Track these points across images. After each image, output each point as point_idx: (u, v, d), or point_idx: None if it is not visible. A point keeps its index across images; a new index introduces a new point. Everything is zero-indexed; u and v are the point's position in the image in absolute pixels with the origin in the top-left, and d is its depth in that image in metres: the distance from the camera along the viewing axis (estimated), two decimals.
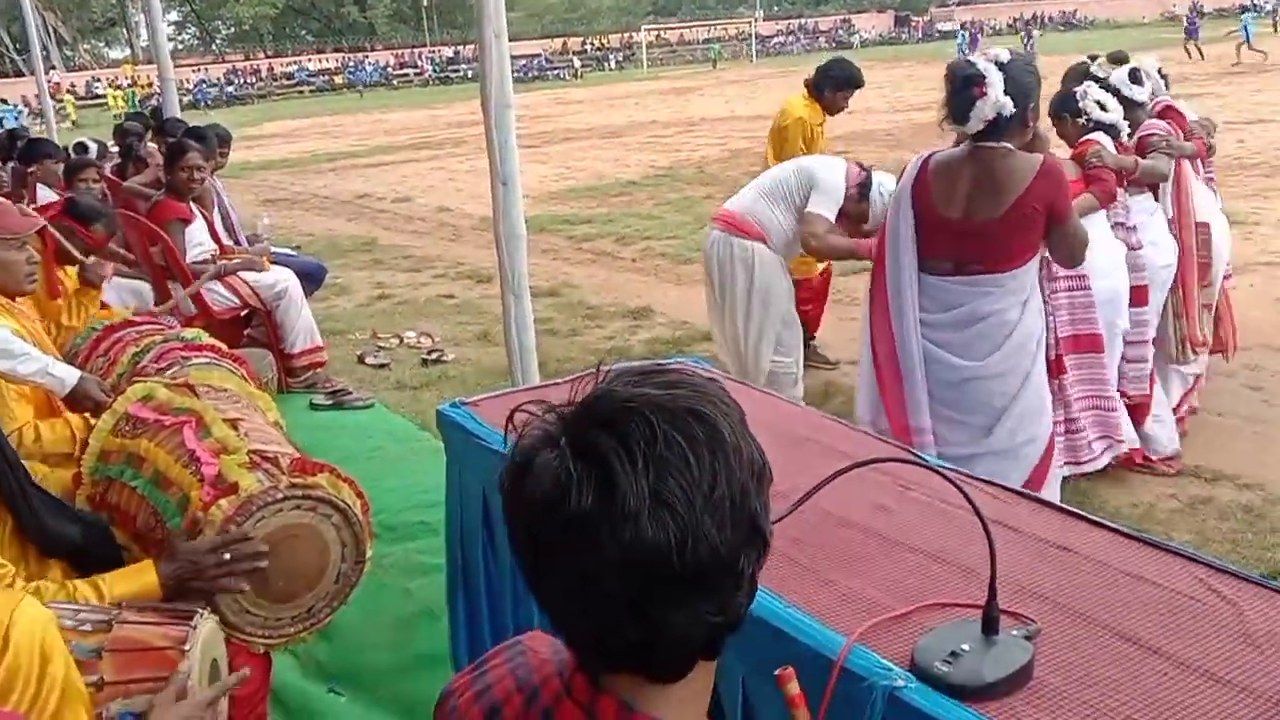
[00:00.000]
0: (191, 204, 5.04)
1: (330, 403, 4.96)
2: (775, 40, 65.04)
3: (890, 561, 1.74)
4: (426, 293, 8.19)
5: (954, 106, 3.01)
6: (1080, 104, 4.12)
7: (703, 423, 0.86)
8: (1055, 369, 3.81)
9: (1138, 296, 4.11)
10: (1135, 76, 4.26)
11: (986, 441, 3.10)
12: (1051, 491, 3.17)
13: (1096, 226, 3.89)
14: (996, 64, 2.98)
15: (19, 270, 2.90)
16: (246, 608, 2.07)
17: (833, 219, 4.23)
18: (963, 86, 2.97)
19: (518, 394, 2.47)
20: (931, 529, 1.83)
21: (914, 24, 70.58)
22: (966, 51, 27.32)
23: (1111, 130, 4.12)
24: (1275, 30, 33.55)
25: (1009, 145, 3.01)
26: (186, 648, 1.64)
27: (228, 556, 1.94)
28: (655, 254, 9.27)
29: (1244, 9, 35.54)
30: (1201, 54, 28.43)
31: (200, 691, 1.62)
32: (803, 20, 73.29)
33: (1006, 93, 2.93)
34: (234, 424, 2.31)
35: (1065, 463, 3.78)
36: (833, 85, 5.40)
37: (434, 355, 6.18)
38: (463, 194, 14.13)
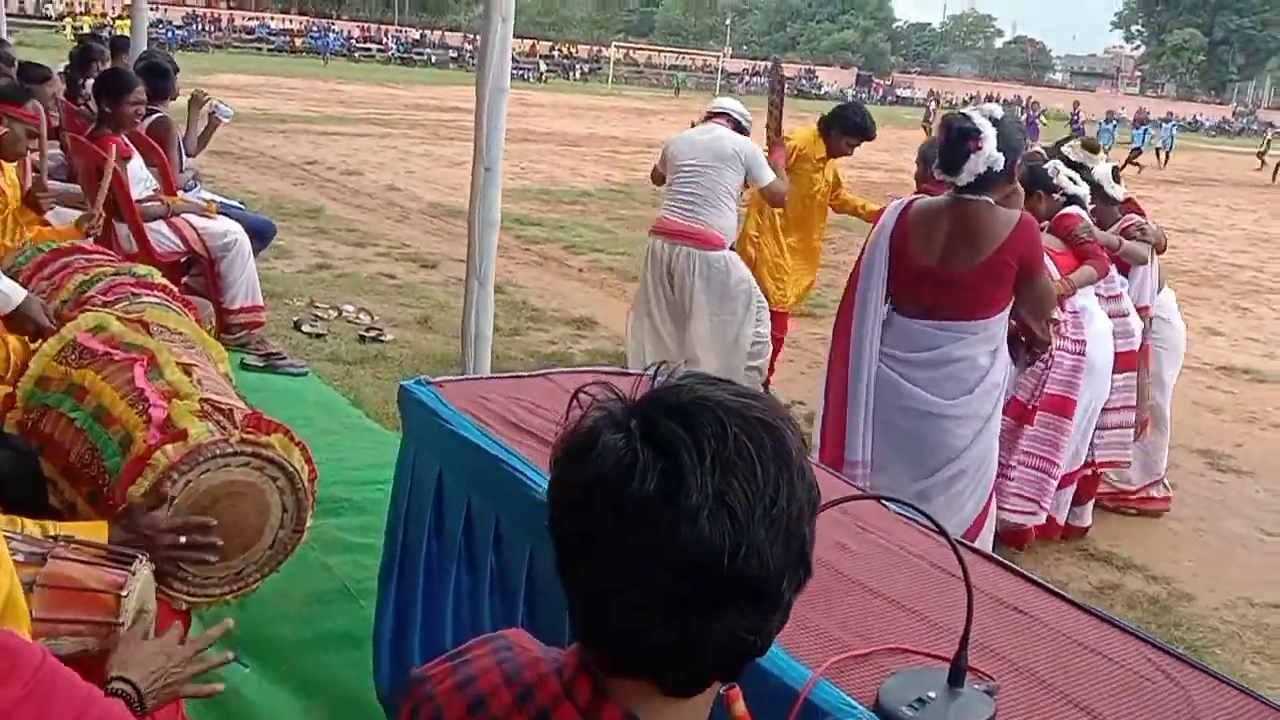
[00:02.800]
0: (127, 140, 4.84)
1: (263, 364, 4.82)
2: (740, 78, 65.80)
3: (851, 600, 1.73)
4: (368, 269, 8.04)
5: (947, 157, 3.09)
6: (1054, 180, 4.23)
7: (773, 435, 0.85)
8: (1024, 418, 3.96)
9: (1124, 361, 4.25)
10: (1115, 175, 4.42)
11: (931, 480, 3.18)
12: (985, 543, 3.25)
13: (1088, 297, 4.06)
14: (991, 120, 3.08)
15: None
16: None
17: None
18: (958, 139, 3.06)
19: (489, 381, 2.42)
20: (892, 574, 1.83)
21: (875, 85, 72.12)
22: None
23: (1080, 203, 4.25)
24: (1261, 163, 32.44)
25: (990, 199, 3.11)
26: (124, 594, 1.55)
27: (183, 540, 1.86)
28: (603, 267, 9.25)
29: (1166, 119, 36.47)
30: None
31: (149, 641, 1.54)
32: (768, 63, 74.30)
33: (999, 148, 3.03)
34: (187, 369, 2.22)
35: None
36: (842, 128, 5.40)
37: (372, 333, 6.05)
38: (414, 176, 13.95)
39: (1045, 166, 4.33)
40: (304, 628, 2.90)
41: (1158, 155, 29.02)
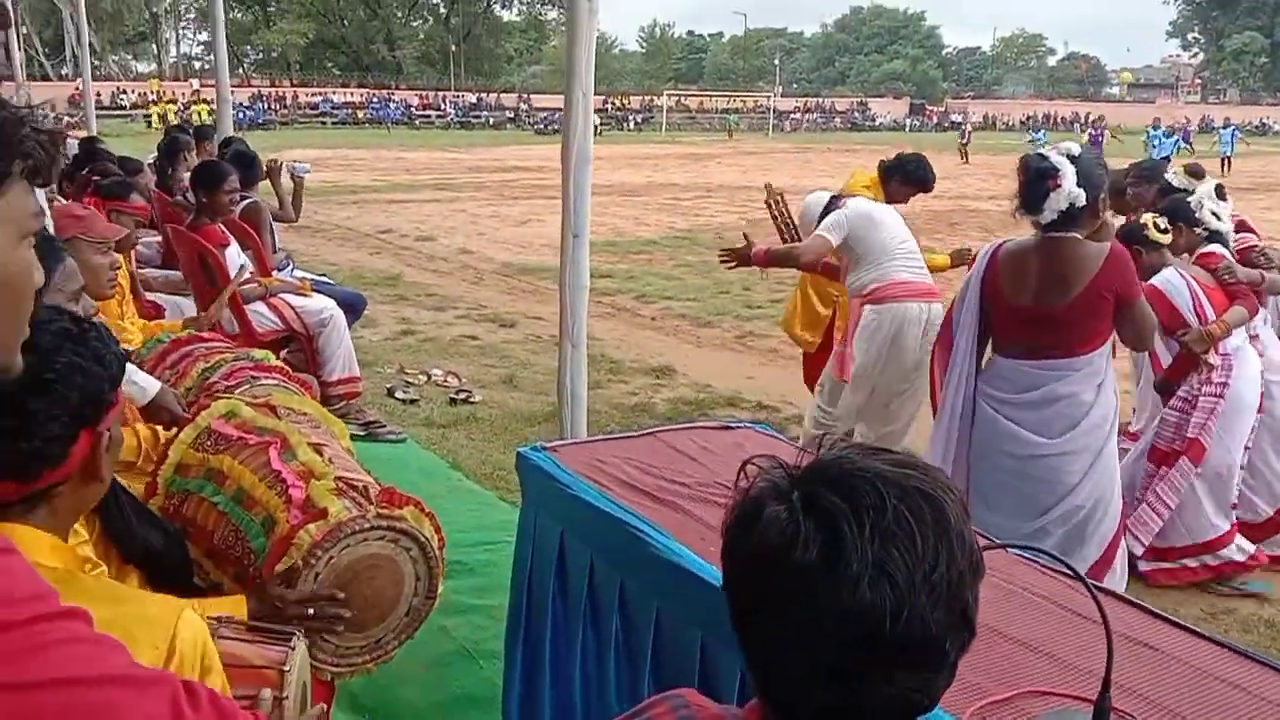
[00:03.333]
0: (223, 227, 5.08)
1: (364, 434, 4.98)
2: (792, 116, 66.09)
3: (984, 646, 1.76)
4: (451, 332, 8.24)
5: (1027, 197, 3.14)
6: (1197, 214, 4.15)
7: (931, 505, 0.90)
8: (1165, 459, 4.00)
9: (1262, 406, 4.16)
10: (1220, 193, 4.30)
11: (1045, 518, 3.19)
12: (1114, 582, 3.23)
13: (1240, 338, 4.01)
14: (1069, 157, 3.12)
15: (103, 275, 2.95)
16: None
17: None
18: (1036, 179, 3.11)
19: (597, 443, 2.50)
20: (1020, 617, 1.86)
21: (928, 113, 71.87)
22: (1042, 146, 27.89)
23: (1222, 240, 4.16)
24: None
25: (1078, 235, 3.14)
26: (286, 669, 1.65)
27: (311, 612, 1.96)
28: (675, 314, 9.35)
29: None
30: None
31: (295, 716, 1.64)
32: (820, 99, 74.60)
33: (1079, 185, 3.06)
34: (318, 449, 2.33)
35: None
36: (902, 178, 5.34)
37: (461, 395, 6.21)
38: (485, 238, 14.27)
39: (1189, 200, 4.23)
40: (429, 691, 2.99)
41: (1222, 164, 28.39)
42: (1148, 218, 4.17)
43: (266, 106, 53.67)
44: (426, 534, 2.19)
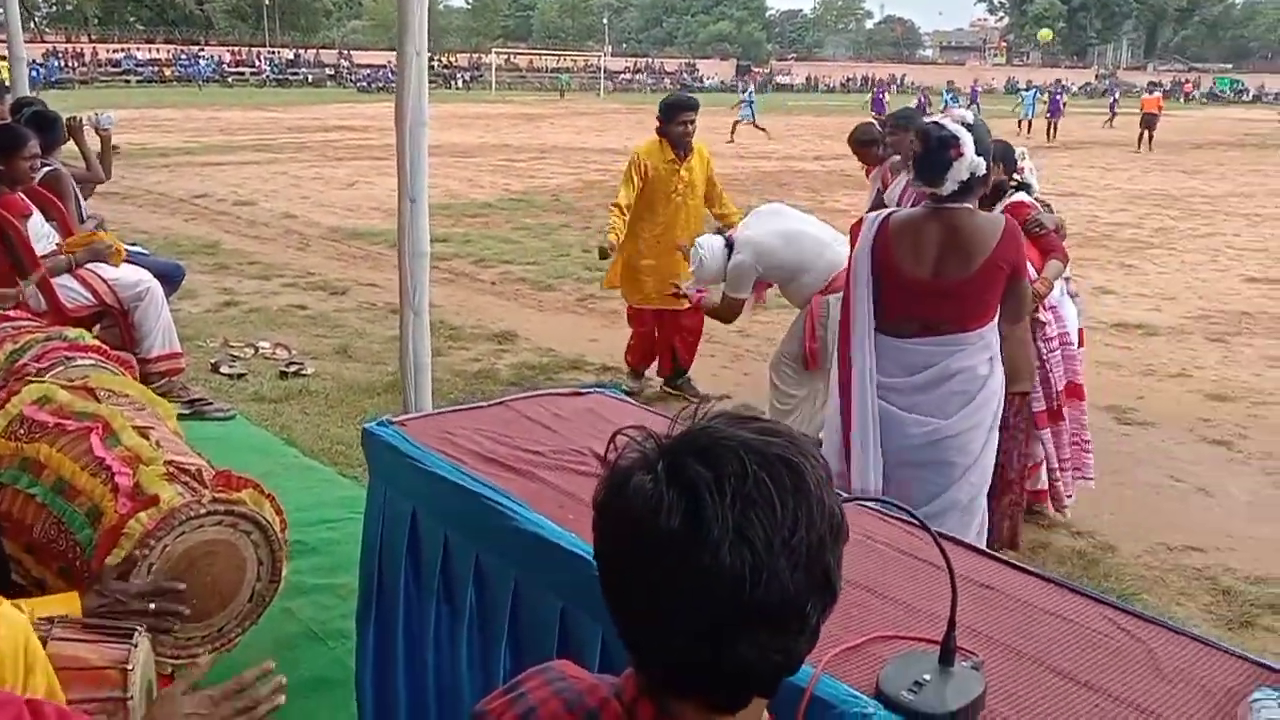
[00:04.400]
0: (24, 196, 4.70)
1: (189, 412, 4.72)
2: (622, 76, 66.13)
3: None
4: (278, 302, 7.90)
5: (928, 167, 3.01)
6: (1020, 163, 4.24)
7: (791, 470, 0.91)
8: (1055, 417, 4.18)
9: (1080, 340, 4.51)
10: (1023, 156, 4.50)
11: (945, 498, 3.11)
12: (983, 536, 3.28)
13: (1058, 289, 4.19)
14: (965, 125, 3.02)
15: None
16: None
17: None
18: (938, 148, 2.98)
19: (446, 415, 2.44)
20: (865, 564, 1.93)
21: (754, 74, 73.21)
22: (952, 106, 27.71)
23: (1030, 190, 4.31)
24: (1110, 123, 34.07)
25: (970, 206, 3.05)
26: (129, 667, 1.55)
27: (153, 606, 1.85)
28: (515, 278, 9.26)
29: (1028, 86, 37.05)
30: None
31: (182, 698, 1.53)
32: (649, 60, 74.89)
33: (978, 153, 2.98)
34: (144, 432, 2.21)
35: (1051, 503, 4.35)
36: (664, 114, 5.66)
37: (293, 368, 5.97)
38: (309, 201, 13.73)
39: (1016, 152, 4.30)
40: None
41: (1019, 125, 29.78)
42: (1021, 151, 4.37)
43: (63, 64, 49.76)
44: (267, 516, 2.10)
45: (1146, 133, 26.02)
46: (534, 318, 7.82)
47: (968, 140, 2.96)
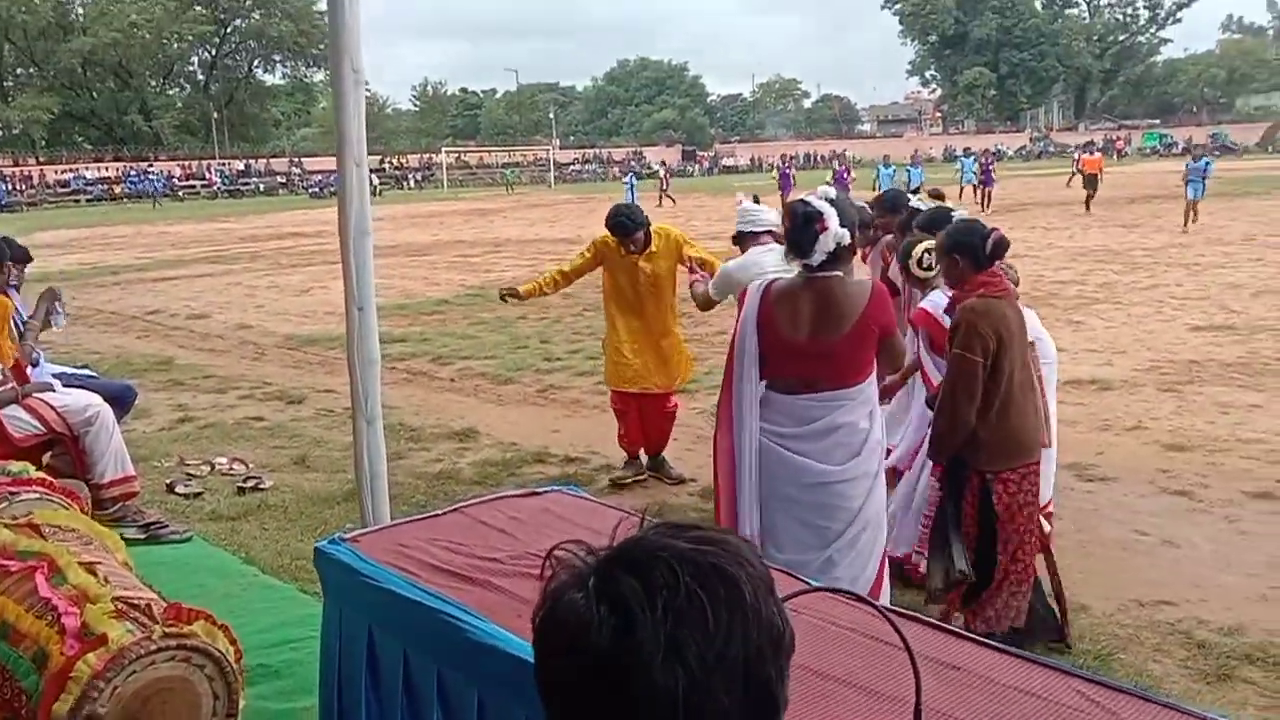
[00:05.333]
0: None
1: (144, 536, 4.62)
2: (572, 168, 67.19)
3: (799, 685, 1.79)
4: (233, 415, 7.80)
5: (798, 241, 3.29)
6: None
7: (725, 581, 0.89)
8: None
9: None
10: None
11: (836, 544, 3.33)
12: (888, 594, 3.49)
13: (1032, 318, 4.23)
14: (828, 200, 3.31)
15: None
16: None
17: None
18: (805, 223, 3.27)
19: (400, 527, 2.41)
20: (831, 652, 1.91)
21: (700, 158, 74.86)
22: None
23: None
24: (1069, 183, 33.62)
25: (840, 273, 3.33)
26: None
27: None
28: (474, 373, 9.23)
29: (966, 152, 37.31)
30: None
31: None
32: (597, 149, 76.26)
33: (841, 225, 3.25)
34: (91, 568, 2.15)
35: None
36: (610, 229, 5.76)
37: (250, 483, 5.87)
38: (263, 310, 13.68)
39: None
40: None
41: (960, 193, 29.18)
42: (919, 249, 4.47)
43: (11, 187, 49.74)
44: (220, 648, 2.05)
45: (1089, 193, 25.74)
46: (494, 412, 7.78)
47: (831, 214, 3.23)
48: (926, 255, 4.42)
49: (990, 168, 28.38)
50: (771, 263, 4.91)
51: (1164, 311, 11.13)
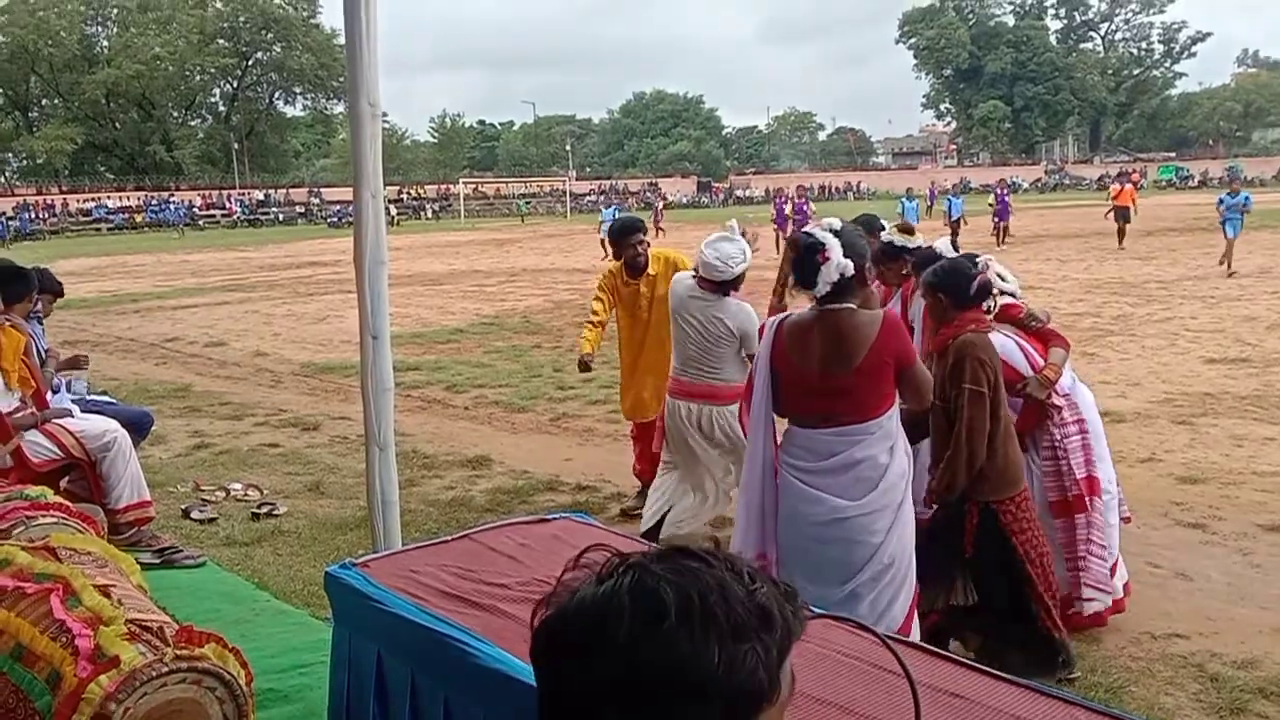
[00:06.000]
0: None
1: (158, 561, 4.66)
2: (588, 199, 67.60)
3: (804, 713, 1.81)
4: (249, 442, 7.86)
5: (802, 273, 3.30)
6: (989, 272, 4.40)
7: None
8: (1069, 508, 4.10)
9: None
10: (956, 246, 4.69)
11: (857, 579, 3.28)
12: (917, 633, 3.38)
13: (1068, 374, 4.24)
14: (832, 231, 3.32)
15: None
16: None
17: None
18: (807, 254, 3.27)
19: (410, 552, 2.44)
20: (835, 680, 1.92)
21: (715, 189, 75.26)
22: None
23: (1014, 295, 4.41)
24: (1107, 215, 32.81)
25: (852, 305, 3.31)
26: None
27: None
28: (488, 402, 9.27)
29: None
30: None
31: None
32: (613, 181, 76.74)
33: (845, 256, 3.24)
34: (105, 591, 2.18)
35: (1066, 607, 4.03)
36: (614, 241, 5.87)
37: (264, 508, 5.91)
38: (280, 338, 13.79)
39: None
40: None
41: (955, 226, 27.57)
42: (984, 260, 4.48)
43: (34, 216, 50.38)
44: (231, 671, 2.07)
45: (1120, 226, 23.97)
46: (507, 441, 7.81)
47: (834, 245, 3.22)
48: None
49: (1006, 199, 27.13)
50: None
51: (1178, 344, 11.09)
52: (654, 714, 0.91)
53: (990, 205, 26.95)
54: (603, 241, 27.55)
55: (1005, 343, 4.14)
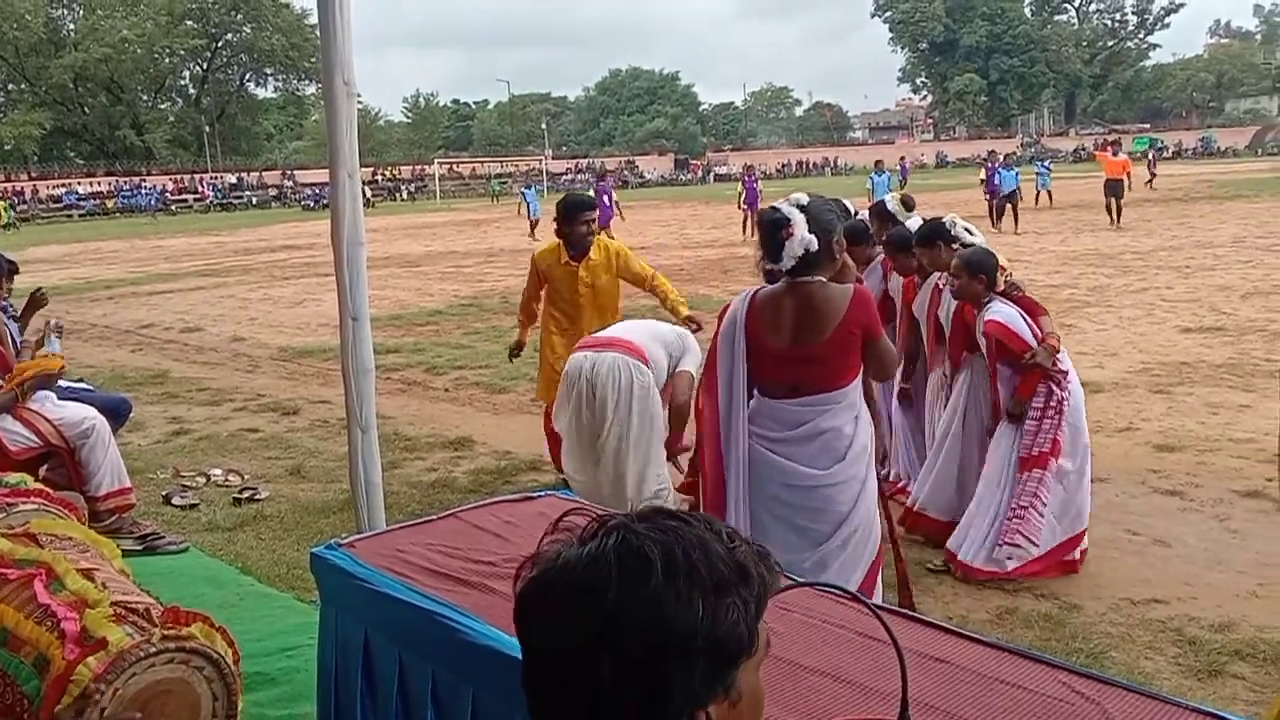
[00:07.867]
0: None
1: (141, 548, 4.64)
2: (564, 178, 67.33)
3: (789, 680, 1.83)
4: (228, 427, 7.82)
5: (768, 248, 3.36)
6: (952, 231, 4.69)
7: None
8: (1039, 462, 4.38)
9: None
10: (909, 205, 4.91)
11: (826, 546, 3.38)
12: (879, 594, 3.52)
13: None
14: (798, 206, 3.35)
15: None
16: None
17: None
18: (772, 230, 3.32)
19: (396, 532, 2.44)
20: (821, 649, 1.94)
21: (693, 166, 75.12)
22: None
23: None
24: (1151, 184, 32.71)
25: (822, 278, 3.36)
26: None
27: None
28: (469, 383, 9.25)
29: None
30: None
31: None
32: (590, 159, 76.47)
33: (811, 231, 3.28)
34: (89, 575, 2.18)
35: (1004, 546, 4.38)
36: (563, 215, 5.71)
37: (246, 493, 5.89)
38: (257, 323, 13.70)
39: (943, 220, 4.78)
40: None
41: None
42: (949, 217, 4.78)
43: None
44: (219, 650, 2.07)
45: (1114, 202, 21.55)
46: (489, 422, 7.80)
47: (799, 220, 3.27)
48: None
49: (1004, 171, 24.15)
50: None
51: (1155, 314, 11.19)
52: (641, 668, 0.93)
53: (981, 182, 26.57)
54: (533, 223, 27.23)
55: (1013, 315, 4.31)
